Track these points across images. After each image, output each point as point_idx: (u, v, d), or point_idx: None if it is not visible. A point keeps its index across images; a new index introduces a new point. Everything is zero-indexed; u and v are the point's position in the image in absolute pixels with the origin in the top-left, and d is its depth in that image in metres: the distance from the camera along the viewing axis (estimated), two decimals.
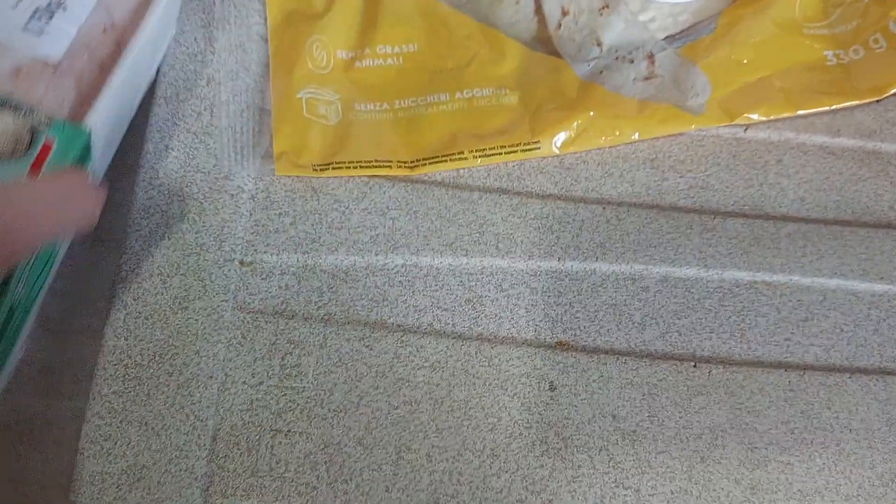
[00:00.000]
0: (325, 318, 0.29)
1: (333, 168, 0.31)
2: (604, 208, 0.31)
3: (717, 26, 0.34)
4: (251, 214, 0.30)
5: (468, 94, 0.33)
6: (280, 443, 0.27)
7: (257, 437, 0.27)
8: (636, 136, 0.32)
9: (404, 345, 0.29)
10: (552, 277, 0.30)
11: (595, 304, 0.30)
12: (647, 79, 0.33)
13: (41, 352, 0.29)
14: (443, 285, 0.30)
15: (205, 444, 0.27)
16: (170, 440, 0.27)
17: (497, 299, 0.30)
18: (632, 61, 0.33)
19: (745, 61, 0.33)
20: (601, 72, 0.33)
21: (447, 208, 0.31)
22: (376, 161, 0.31)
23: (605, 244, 0.31)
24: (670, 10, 0.34)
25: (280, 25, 0.33)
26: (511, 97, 0.33)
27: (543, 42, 0.34)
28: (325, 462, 0.27)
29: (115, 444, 0.27)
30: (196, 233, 0.29)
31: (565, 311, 0.30)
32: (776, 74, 0.33)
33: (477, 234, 0.31)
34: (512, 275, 0.30)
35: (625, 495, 0.27)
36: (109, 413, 0.27)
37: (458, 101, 0.33)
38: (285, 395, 0.28)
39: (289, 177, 0.31)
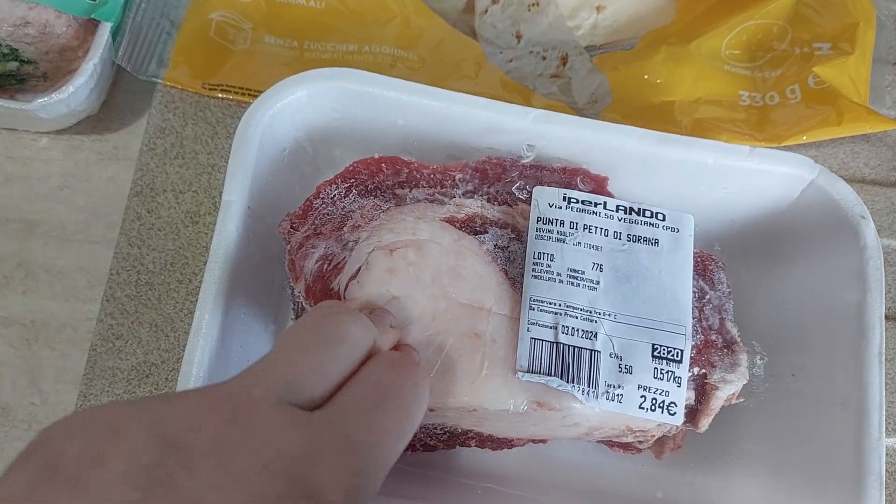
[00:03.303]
0: None
1: (223, 90, 0.32)
2: None
3: (639, 43, 0.35)
4: None
5: (376, 50, 0.34)
6: None
7: None
8: None
9: None
10: None
11: None
12: (553, 76, 0.35)
13: (59, 259, 0.31)
14: None
15: None
16: (178, 341, 0.29)
17: None
18: (544, 58, 0.35)
19: (659, 81, 0.34)
20: (510, 60, 0.35)
21: None
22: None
23: None
24: (599, 22, 0.35)
25: None
26: (417, 62, 0.34)
27: (465, 21, 0.36)
28: None
29: (127, 342, 0.29)
30: (209, 154, 0.32)
31: None
32: (684, 101, 0.33)
33: None
34: None
35: None
36: (122, 314, 0.30)
37: (365, 55, 0.34)
38: None
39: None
